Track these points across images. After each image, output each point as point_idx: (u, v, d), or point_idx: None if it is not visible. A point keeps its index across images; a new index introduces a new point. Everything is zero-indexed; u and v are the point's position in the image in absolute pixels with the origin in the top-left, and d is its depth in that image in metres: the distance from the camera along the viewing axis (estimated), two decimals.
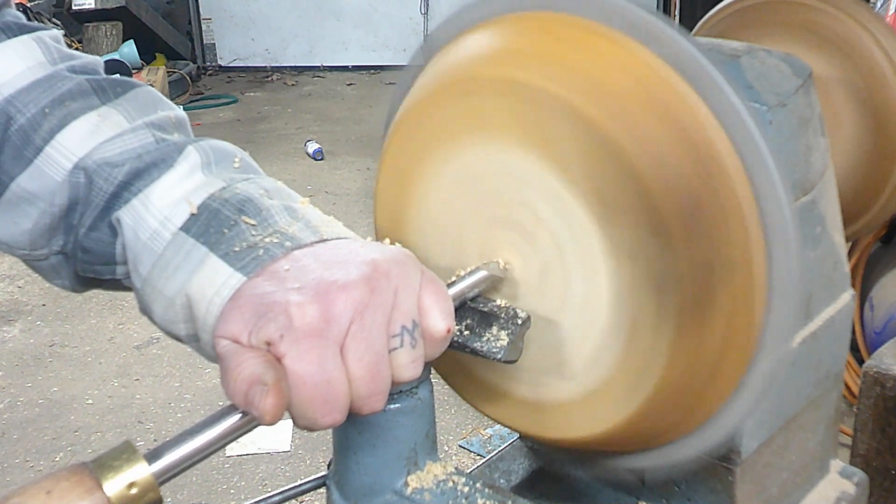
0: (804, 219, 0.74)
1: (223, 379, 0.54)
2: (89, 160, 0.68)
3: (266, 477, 2.68)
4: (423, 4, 7.59)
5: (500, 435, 2.79)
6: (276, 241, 0.60)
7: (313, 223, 0.63)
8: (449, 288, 0.61)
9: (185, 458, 0.52)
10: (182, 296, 0.62)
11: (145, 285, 0.64)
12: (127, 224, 0.65)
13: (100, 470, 0.50)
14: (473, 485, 0.67)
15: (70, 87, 0.71)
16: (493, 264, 0.66)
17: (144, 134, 0.69)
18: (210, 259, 0.61)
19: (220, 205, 0.63)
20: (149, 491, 0.50)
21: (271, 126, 6.24)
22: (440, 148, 0.67)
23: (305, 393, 0.53)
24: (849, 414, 2.46)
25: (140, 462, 0.50)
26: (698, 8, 5.37)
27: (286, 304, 0.54)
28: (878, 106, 1.01)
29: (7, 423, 2.95)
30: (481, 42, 0.66)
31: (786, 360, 0.63)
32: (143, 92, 0.74)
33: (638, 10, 0.61)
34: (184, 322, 0.64)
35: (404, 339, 0.56)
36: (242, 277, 0.58)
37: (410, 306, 0.56)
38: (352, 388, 0.54)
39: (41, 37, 0.74)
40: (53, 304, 3.75)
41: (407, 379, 0.57)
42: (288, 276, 0.56)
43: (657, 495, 0.79)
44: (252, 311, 0.55)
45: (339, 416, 0.54)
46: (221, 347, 0.55)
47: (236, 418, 0.53)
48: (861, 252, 2.81)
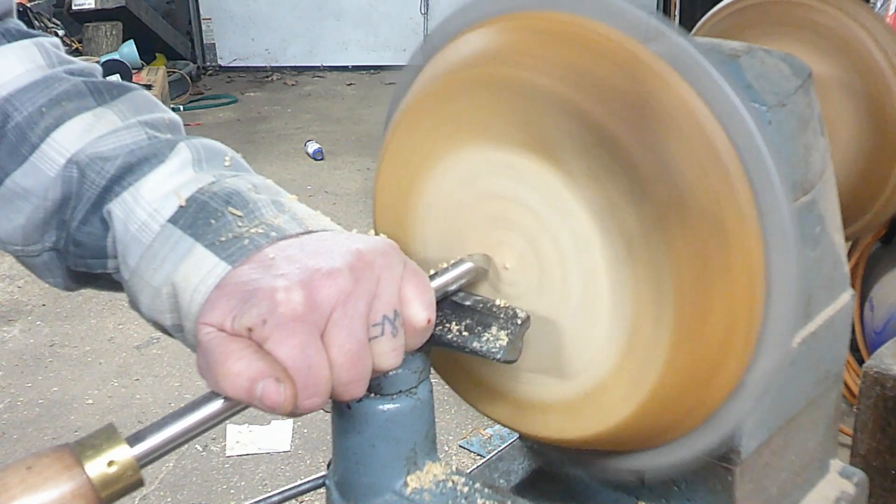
0: (804, 219, 0.74)
1: (206, 368, 0.54)
2: (82, 155, 0.69)
3: (266, 477, 2.68)
4: (423, 4, 7.59)
5: (500, 435, 2.79)
6: (262, 231, 0.61)
7: (299, 216, 0.64)
8: (431, 279, 0.62)
9: (167, 441, 0.53)
10: (168, 285, 0.63)
11: (133, 276, 0.65)
12: (117, 217, 0.66)
13: (81, 449, 0.50)
14: (473, 485, 0.67)
15: (67, 88, 0.72)
16: (479, 256, 0.67)
17: (137, 131, 0.70)
18: (196, 249, 0.62)
19: (209, 197, 0.64)
20: (129, 471, 0.51)
21: (271, 126, 6.24)
22: (439, 147, 0.67)
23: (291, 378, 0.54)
24: (849, 414, 2.46)
25: (121, 444, 0.51)
26: (698, 8, 5.37)
27: (271, 290, 0.54)
28: (877, 106, 1.01)
29: (7, 423, 2.96)
30: (480, 41, 0.66)
31: (786, 360, 0.63)
32: (139, 95, 0.76)
33: (638, 10, 0.61)
34: (169, 312, 0.64)
35: (385, 328, 0.56)
36: (228, 266, 0.59)
37: (392, 296, 0.57)
38: (332, 373, 0.55)
39: (41, 42, 0.76)
40: (53, 304, 3.75)
41: (388, 367, 0.58)
42: (273, 263, 0.57)
43: (657, 495, 0.79)
44: (237, 298, 0.56)
45: (319, 400, 0.55)
46: (204, 335, 0.55)
47: (219, 405, 0.54)
48: (861, 252, 2.81)
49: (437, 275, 0.64)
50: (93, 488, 0.49)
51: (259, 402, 0.53)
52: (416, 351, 0.65)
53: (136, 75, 5.90)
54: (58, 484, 0.48)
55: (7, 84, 0.72)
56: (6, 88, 0.72)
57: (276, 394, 0.52)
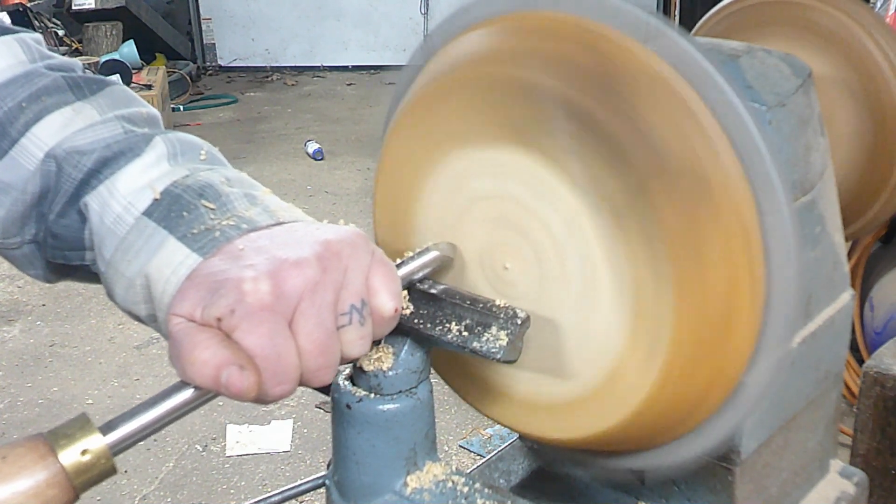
0: (804, 219, 0.74)
1: (176, 357, 0.55)
2: (60, 149, 0.70)
3: (266, 477, 2.68)
4: (423, 4, 7.59)
5: (500, 435, 2.79)
6: (234, 223, 0.62)
7: (271, 208, 0.65)
8: (398, 268, 0.63)
9: (138, 430, 0.54)
10: (142, 276, 0.64)
11: (109, 268, 0.66)
12: (94, 209, 0.67)
13: (55, 439, 0.52)
14: (473, 485, 0.67)
15: (46, 83, 0.73)
16: (445, 244, 0.68)
17: (114, 125, 0.72)
18: (169, 241, 0.63)
19: (182, 191, 0.65)
20: (102, 459, 0.52)
21: (271, 126, 6.24)
22: (439, 147, 0.67)
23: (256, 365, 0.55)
24: (849, 414, 2.46)
25: (94, 433, 0.52)
26: (698, 8, 5.37)
27: (239, 281, 0.55)
28: (877, 106, 1.00)
29: (7, 423, 2.96)
30: (480, 41, 0.66)
31: (786, 360, 0.63)
32: (118, 90, 0.77)
33: (637, 10, 0.61)
34: (143, 303, 0.66)
35: (353, 317, 0.57)
36: (198, 258, 0.61)
37: (359, 286, 0.58)
38: (301, 361, 0.56)
39: (23, 38, 0.77)
40: (53, 304, 3.75)
41: (356, 355, 0.59)
42: (242, 254, 0.58)
43: (657, 495, 0.79)
44: (206, 289, 0.57)
45: (289, 387, 0.56)
46: (174, 325, 0.56)
47: (189, 394, 0.55)
48: (861, 252, 2.81)
49: (403, 263, 0.65)
50: (66, 476, 0.51)
51: (224, 389, 0.54)
52: (416, 351, 0.65)
53: (136, 75, 5.89)
54: (32, 473, 0.50)
55: None
56: None
57: (239, 381, 0.53)
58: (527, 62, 0.62)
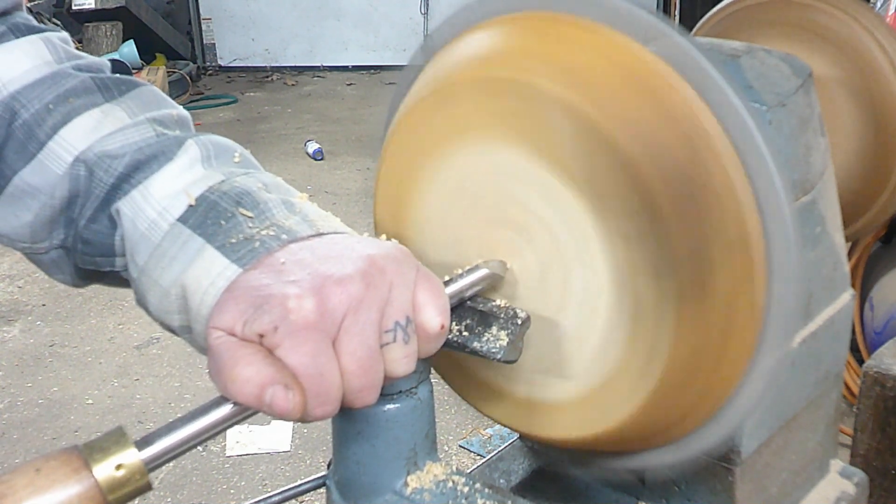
0: (804, 219, 0.74)
1: (217, 372, 0.54)
2: (90, 153, 0.68)
3: (266, 477, 2.68)
4: (423, 4, 7.59)
5: (500, 435, 2.79)
6: (273, 233, 0.60)
7: (310, 217, 0.63)
8: (446, 285, 0.62)
9: (175, 445, 0.52)
10: (177, 286, 0.62)
11: (142, 275, 0.65)
12: (126, 215, 0.66)
13: (89, 452, 0.50)
14: (473, 485, 0.67)
15: (74, 84, 0.72)
16: (495, 262, 0.66)
17: (146, 128, 0.70)
18: (206, 250, 0.61)
19: (218, 197, 0.64)
20: (137, 475, 0.50)
21: (271, 126, 6.24)
22: (439, 148, 0.67)
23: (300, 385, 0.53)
24: (849, 414, 2.46)
25: (130, 447, 0.51)
26: (698, 8, 5.37)
27: (283, 297, 0.54)
28: (877, 106, 1.01)
29: (7, 423, 2.95)
30: (480, 42, 0.66)
31: (786, 360, 0.63)
32: (147, 91, 0.75)
33: (638, 10, 0.61)
34: (178, 313, 0.64)
35: (397, 334, 0.56)
36: (238, 269, 0.59)
37: (404, 302, 0.56)
38: (344, 381, 0.55)
39: (49, 37, 0.75)
40: (53, 304, 3.75)
41: (400, 374, 0.57)
42: (284, 268, 0.57)
43: (657, 495, 0.79)
44: (248, 303, 0.55)
45: (330, 408, 0.55)
46: (214, 339, 0.55)
47: (228, 410, 0.54)
48: (861, 252, 2.81)
49: (452, 281, 0.63)
50: (100, 491, 0.49)
51: (268, 408, 0.52)
52: None
53: (136, 75, 5.89)
54: (65, 486, 0.48)
55: (15, 80, 0.71)
56: (14, 85, 0.71)
57: (284, 401, 0.52)
58: (528, 64, 0.62)
